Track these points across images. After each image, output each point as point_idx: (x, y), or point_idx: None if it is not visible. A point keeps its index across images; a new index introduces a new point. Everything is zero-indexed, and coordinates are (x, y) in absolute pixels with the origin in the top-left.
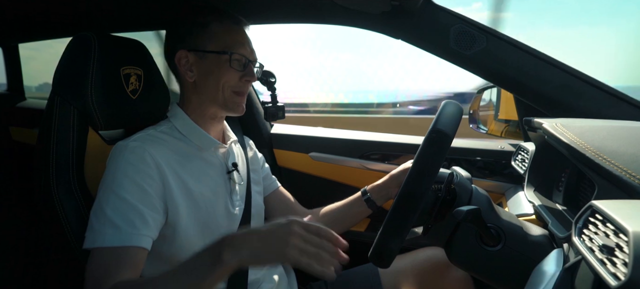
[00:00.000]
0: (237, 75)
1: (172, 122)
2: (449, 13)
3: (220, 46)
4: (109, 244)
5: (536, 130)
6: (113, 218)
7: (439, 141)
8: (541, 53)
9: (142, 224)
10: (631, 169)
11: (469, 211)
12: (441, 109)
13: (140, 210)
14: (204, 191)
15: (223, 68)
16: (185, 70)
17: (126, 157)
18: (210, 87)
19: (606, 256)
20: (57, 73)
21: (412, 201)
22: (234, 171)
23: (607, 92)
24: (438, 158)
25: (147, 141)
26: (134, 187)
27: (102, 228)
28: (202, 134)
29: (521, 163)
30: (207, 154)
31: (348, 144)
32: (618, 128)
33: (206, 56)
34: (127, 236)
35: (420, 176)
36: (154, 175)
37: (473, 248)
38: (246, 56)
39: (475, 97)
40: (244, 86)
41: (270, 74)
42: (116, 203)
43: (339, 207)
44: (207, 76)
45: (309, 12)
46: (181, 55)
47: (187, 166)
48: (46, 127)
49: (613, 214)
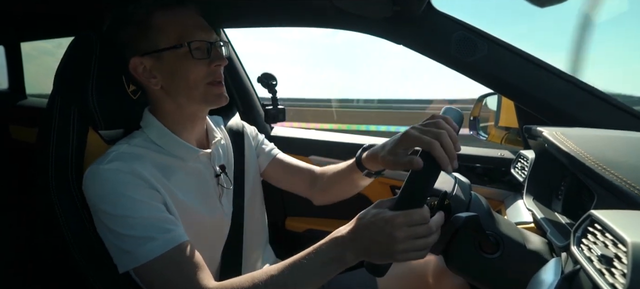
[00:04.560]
0: (204, 64)
1: (146, 132)
2: (450, 19)
3: (172, 39)
4: (154, 255)
5: (536, 138)
6: (141, 234)
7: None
8: (542, 61)
9: (170, 224)
10: (631, 179)
11: (467, 218)
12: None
13: (158, 216)
14: (192, 200)
15: (185, 62)
16: (146, 79)
17: (111, 178)
18: (180, 88)
19: (605, 266)
20: (58, 72)
21: (414, 203)
22: (222, 174)
23: (608, 101)
24: (435, 171)
25: (125, 159)
26: (135, 203)
27: (138, 248)
28: (180, 143)
29: (521, 171)
30: (190, 163)
31: (348, 148)
32: (618, 138)
33: (163, 55)
34: (168, 240)
35: (418, 184)
36: (146, 186)
37: (471, 255)
38: (206, 39)
39: (476, 104)
40: (216, 72)
41: (270, 77)
42: (132, 223)
43: (338, 171)
44: (172, 76)
45: (311, 16)
46: (135, 63)
47: (171, 179)
48: (46, 126)
49: (612, 224)
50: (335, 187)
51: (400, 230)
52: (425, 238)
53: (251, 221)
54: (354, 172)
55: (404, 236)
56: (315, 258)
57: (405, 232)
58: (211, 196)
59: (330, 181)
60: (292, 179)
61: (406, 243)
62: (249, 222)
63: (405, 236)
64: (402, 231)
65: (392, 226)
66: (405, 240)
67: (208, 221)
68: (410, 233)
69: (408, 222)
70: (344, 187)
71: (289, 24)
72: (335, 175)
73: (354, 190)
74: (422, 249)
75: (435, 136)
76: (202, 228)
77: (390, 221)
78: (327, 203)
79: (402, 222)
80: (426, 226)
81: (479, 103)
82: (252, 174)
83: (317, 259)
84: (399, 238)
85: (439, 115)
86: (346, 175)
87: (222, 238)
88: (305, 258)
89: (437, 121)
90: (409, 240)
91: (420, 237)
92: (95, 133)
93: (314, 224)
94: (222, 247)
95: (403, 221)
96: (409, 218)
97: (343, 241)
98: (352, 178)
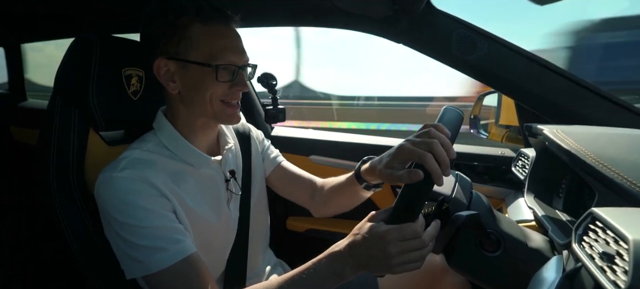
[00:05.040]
0: (226, 85)
1: (159, 136)
2: (450, 18)
3: (203, 56)
4: (164, 266)
5: (537, 136)
6: (152, 244)
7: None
8: (542, 59)
9: (180, 234)
10: (632, 177)
11: (468, 216)
12: (441, 115)
13: (168, 226)
14: (202, 207)
15: (208, 81)
16: (166, 81)
17: (123, 187)
18: (196, 100)
19: (606, 264)
20: (58, 74)
21: (407, 216)
22: (232, 179)
23: (608, 99)
24: (427, 184)
25: (138, 166)
26: (147, 213)
27: (148, 257)
28: (192, 151)
29: (521, 169)
30: (201, 169)
31: (348, 148)
32: (619, 136)
33: (189, 66)
34: (177, 252)
35: (411, 197)
36: (158, 195)
37: (472, 253)
38: (235, 63)
39: (477, 103)
40: (234, 95)
41: (271, 77)
42: (144, 232)
43: (338, 183)
44: (191, 88)
45: (311, 15)
46: (160, 64)
47: (182, 186)
48: (47, 128)
49: (613, 221)
50: (335, 200)
51: (394, 245)
52: (420, 250)
53: (256, 225)
54: (353, 185)
55: (398, 251)
56: (314, 273)
57: (398, 247)
58: (220, 201)
59: (330, 193)
60: (294, 188)
61: (401, 257)
62: (254, 226)
63: (398, 251)
64: (395, 247)
65: (386, 242)
66: (400, 254)
67: (216, 227)
68: (404, 247)
69: (401, 237)
70: (344, 199)
71: (289, 24)
72: (335, 187)
73: (354, 202)
74: (417, 260)
75: (428, 147)
76: (210, 234)
77: (384, 236)
78: (327, 216)
79: (395, 237)
80: (419, 240)
81: (479, 102)
82: (259, 178)
83: (316, 274)
84: (393, 252)
85: (431, 124)
86: (346, 187)
87: (229, 243)
88: (304, 273)
89: (429, 130)
90: (403, 254)
91: (415, 249)
92: (96, 134)
93: (315, 224)
94: (228, 252)
95: (396, 236)
96: (402, 233)
97: (341, 255)
98: (352, 191)
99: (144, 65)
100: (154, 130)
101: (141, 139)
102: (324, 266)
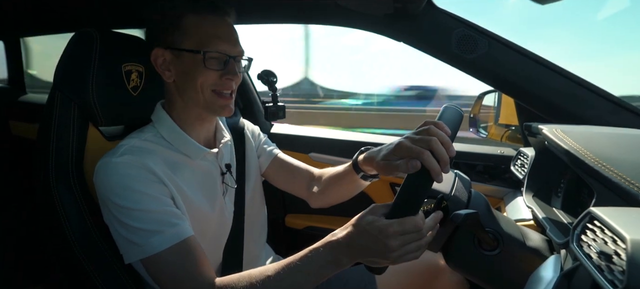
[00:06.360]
0: (216, 74)
1: (157, 127)
2: (451, 16)
3: (194, 43)
4: (162, 248)
5: (536, 135)
6: (149, 227)
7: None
8: (543, 59)
9: (177, 218)
10: (630, 177)
11: (467, 214)
12: (441, 113)
13: (166, 210)
14: (199, 197)
15: (198, 68)
16: (162, 70)
17: (121, 172)
18: (189, 89)
19: (604, 263)
20: (58, 68)
21: (407, 210)
22: (227, 173)
23: (608, 99)
24: (427, 180)
25: (136, 153)
26: (145, 197)
27: (146, 240)
28: (189, 142)
29: (520, 168)
30: (197, 161)
31: (348, 145)
32: (618, 136)
33: (182, 55)
34: (173, 235)
35: (412, 193)
36: (155, 180)
37: (471, 252)
38: (226, 52)
39: (476, 101)
40: (225, 85)
41: (271, 74)
42: (141, 216)
43: (336, 173)
44: (185, 76)
45: (311, 13)
46: (157, 53)
47: (179, 174)
48: (46, 122)
49: (611, 221)
50: (332, 190)
51: (394, 239)
52: (418, 241)
53: (252, 220)
54: (350, 175)
55: (397, 245)
56: (311, 260)
57: (398, 241)
58: (216, 193)
59: (327, 183)
60: (291, 179)
61: (400, 250)
62: (249, 220)
63: (398, 245)
64: (395, 240)
65: (386, 236)
66: (399, 247)
67: (212, 217)
68: (403, 240)
69: (401, 231)
70: (341, 189)
71: (290, 21)
72: (332, 177)
73: (351, 193)
74: (416, 250)
75: (427, 145)
76: (207, 225)
77: (384, 230)
78: (325, 206)
79: (395, 231)
80: (419, 234)
81: (479, 100)
82: (253, 174)
83: (313, 261)
84: (392, 246)
85: (431, 121)
86: (343, 177)
87: (224, 235)
88: (301, 260)
89: (428, 127)
90: (403, 247)
91: (414, 241)
92: (96, 129)
93: (314, 221)
94: (224, 243)
95: (396, 231)
96: (402, 227)
97: (339, 245)
98: (349, 180)
99: (143, 61)
100: (152, 122)
101: (140, 130)
102: (322, 254)
